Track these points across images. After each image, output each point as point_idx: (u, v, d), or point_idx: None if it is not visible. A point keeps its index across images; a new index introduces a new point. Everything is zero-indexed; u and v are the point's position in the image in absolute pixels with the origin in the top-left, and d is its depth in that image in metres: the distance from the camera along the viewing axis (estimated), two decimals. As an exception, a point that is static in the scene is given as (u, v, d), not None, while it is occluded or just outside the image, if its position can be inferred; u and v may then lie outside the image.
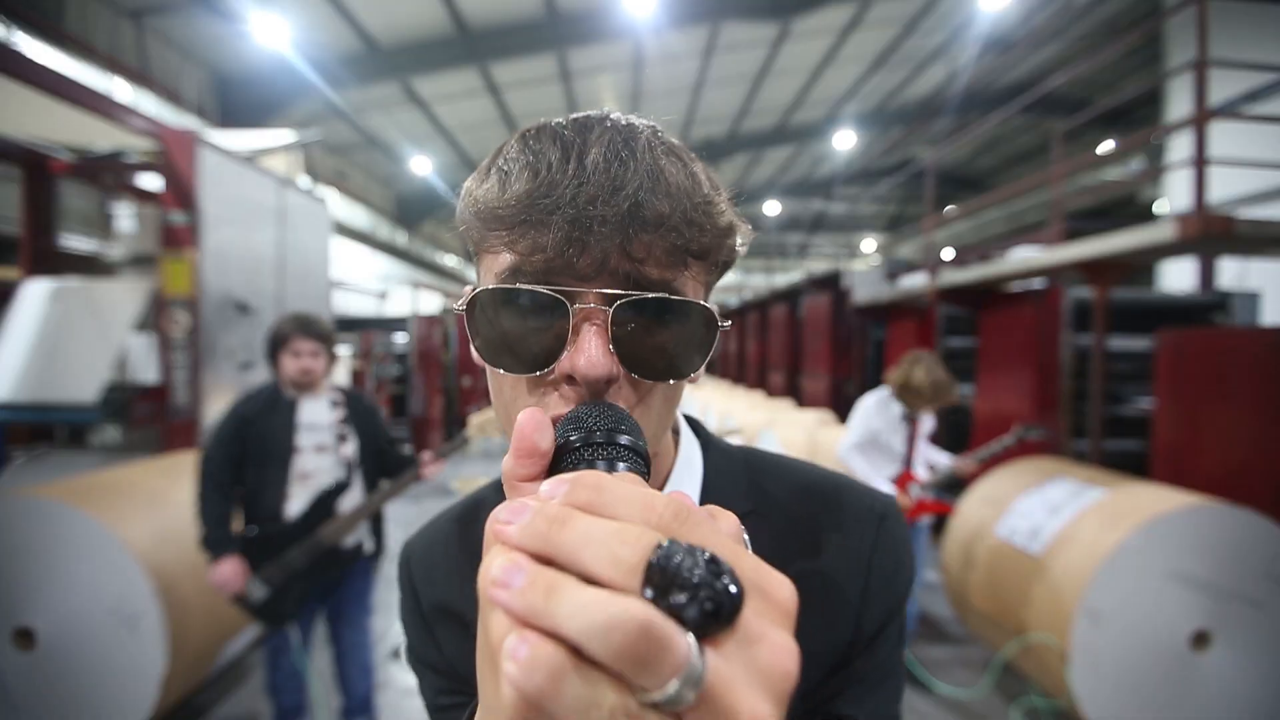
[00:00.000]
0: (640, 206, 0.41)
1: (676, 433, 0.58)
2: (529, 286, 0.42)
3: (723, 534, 0.26)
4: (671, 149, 0.45)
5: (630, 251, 0.41)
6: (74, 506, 2.42)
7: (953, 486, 3.37)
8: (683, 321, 0.44)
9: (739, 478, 0.58)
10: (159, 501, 2.78)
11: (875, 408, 3.22)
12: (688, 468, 0.57)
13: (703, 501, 0.54)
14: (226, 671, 3.24)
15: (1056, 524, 2.90)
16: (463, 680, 0.56)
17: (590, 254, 0.41)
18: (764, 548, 0.52)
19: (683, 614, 0.22)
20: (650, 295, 0.42)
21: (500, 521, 0.26)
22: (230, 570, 2.14)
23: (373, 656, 2.54)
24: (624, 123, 0.45)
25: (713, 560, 0.23)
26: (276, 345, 2.30)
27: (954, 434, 5.63)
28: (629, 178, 0.41)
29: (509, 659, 0.22)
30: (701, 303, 0.44)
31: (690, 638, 0.22)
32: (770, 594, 0.24)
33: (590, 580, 0.23)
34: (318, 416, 2.34)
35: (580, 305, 0.42)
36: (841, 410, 7.04)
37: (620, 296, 0.42)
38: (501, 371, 0.45)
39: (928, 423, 3.26)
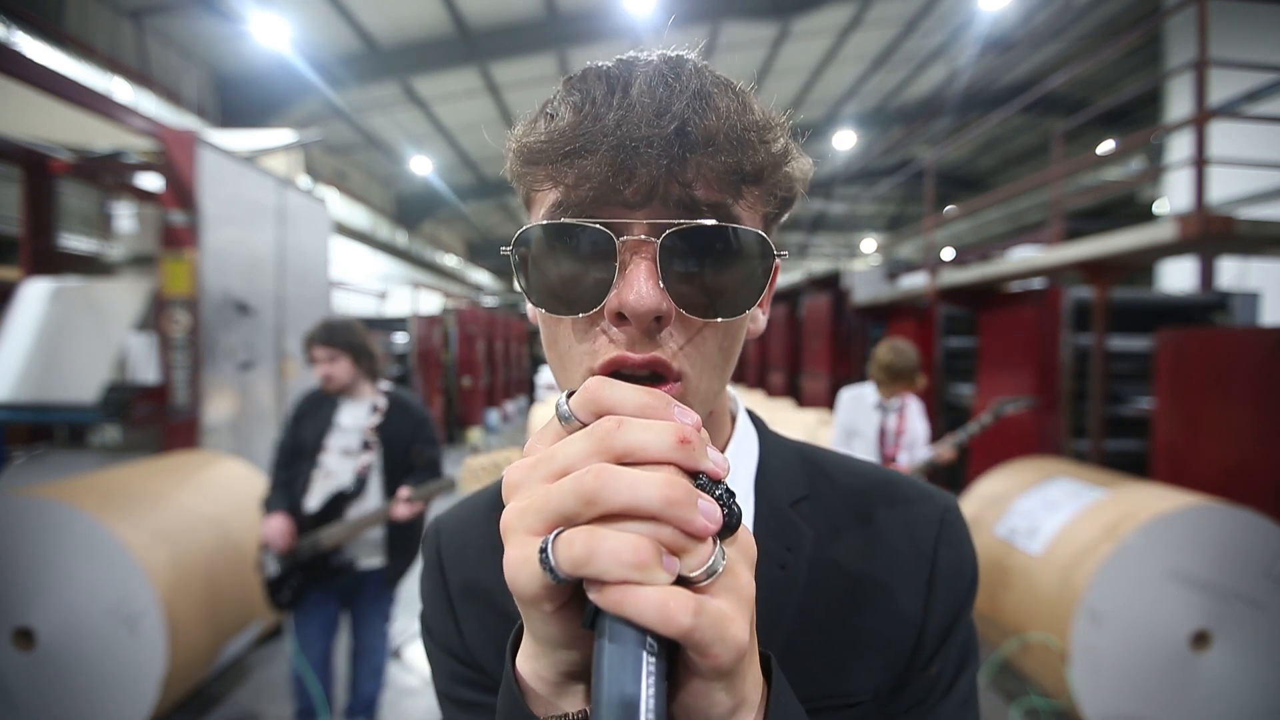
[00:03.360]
0: (687, 126, 0.39)
1: (733, 415, 0.57)
2: (573, 220, 0.40)
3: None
4: (719, 79, 0.43)
5: (679, 175, 0.39)
6: (74, 506, 2.42)
7: (936, 475, 3.32)
8: (735, 251, 0.41)
9: (794, 463, 0.57)
10: (159, 501, 2.78)
11: (849, 400, 3.27)
12: (744, 443, 0.55)
13: (757, 482, 0.54)
14: (226, 671, 3.24)
15: (1056, 524, 2.90)
16: (479, 668, 0.53)
17: (638, 180, 0.39)
18: (821, 533, 0.52)
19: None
20: (700, 223, 0.40)
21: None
22: (275, 525, 2.24)
23: (385, 661, 2.54)
24: (670, 54, 0.44)
25: (728, 490, 0.31)
26: (306, 355, 2.39)
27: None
28: (674, 100, 0.39)
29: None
30: (755, 230, 0.41)
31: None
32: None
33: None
34: (352, 420, 2.39)
35: (627, 237, 0.40)
36: (841, 410, 7.04)
37: (669, 225, 0.39)
38: (553, 315, 0.43)
39: (915, 418, 3.20)
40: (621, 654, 0.28)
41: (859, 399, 3.25)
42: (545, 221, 0.41)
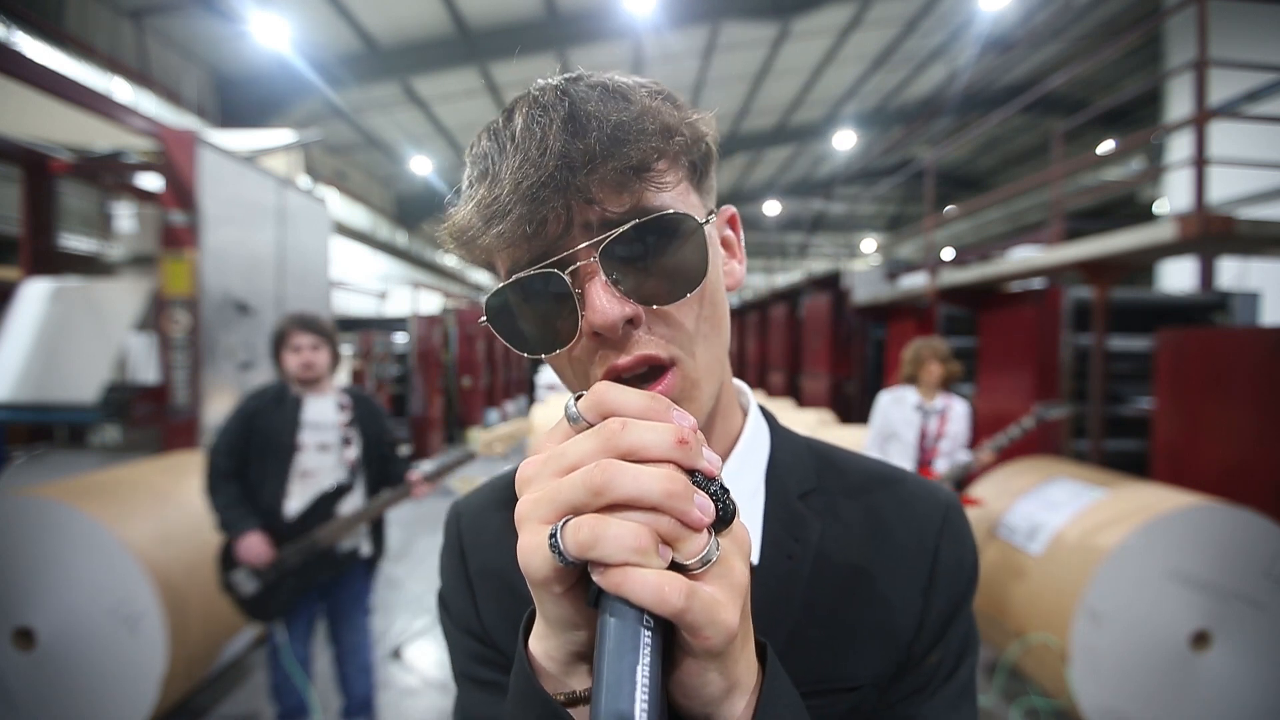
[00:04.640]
0: (566, 154, 0.41)
1: (745, 410, 0.59)
2: (518, 277, 0.44)
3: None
4: (592, 84, 0.45)
5: (586, 197, 0.42)
6: (74, 506, 2.42)
7: (967, 481, 3.32)
8: (667, 234, 0.44)
9: (803, 456, 0.59)
10: (159, 501, 2.78)
11: (888, 402, 3.23)
12: (755, 437, 0.58)
13: (768, 475, 0.56)
14: (226, 671, 3.24)
15: (1056, 524, 2.90)
16: (496, 648, 0.55)
17: (551, 222, 0.42)
18: (828, 525, 0.54)
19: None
20: (621, 230, 0.42)
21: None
22: (254, 542, 2.16)
23: (372, 657, 2.54)
24: (540, 84, 0.46)
25: (723, 487, 0.34)
26: (278, 343, 2.33)
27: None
28: (548, 134, 0.42)
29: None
30: (672, 211, 0.44)
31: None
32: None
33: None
34: (323, 416, 2.35)
35: (571, 267, 0.43)
36: (841, 410, 7.05)
37: (599, 242, 0.42)
38: (544, 355, 0.46)
39: (958, 420, 3.16)
40: (621, 629, 0.30)
41: (900, 400, 3.20)
42: (494, 289, 0.46)
